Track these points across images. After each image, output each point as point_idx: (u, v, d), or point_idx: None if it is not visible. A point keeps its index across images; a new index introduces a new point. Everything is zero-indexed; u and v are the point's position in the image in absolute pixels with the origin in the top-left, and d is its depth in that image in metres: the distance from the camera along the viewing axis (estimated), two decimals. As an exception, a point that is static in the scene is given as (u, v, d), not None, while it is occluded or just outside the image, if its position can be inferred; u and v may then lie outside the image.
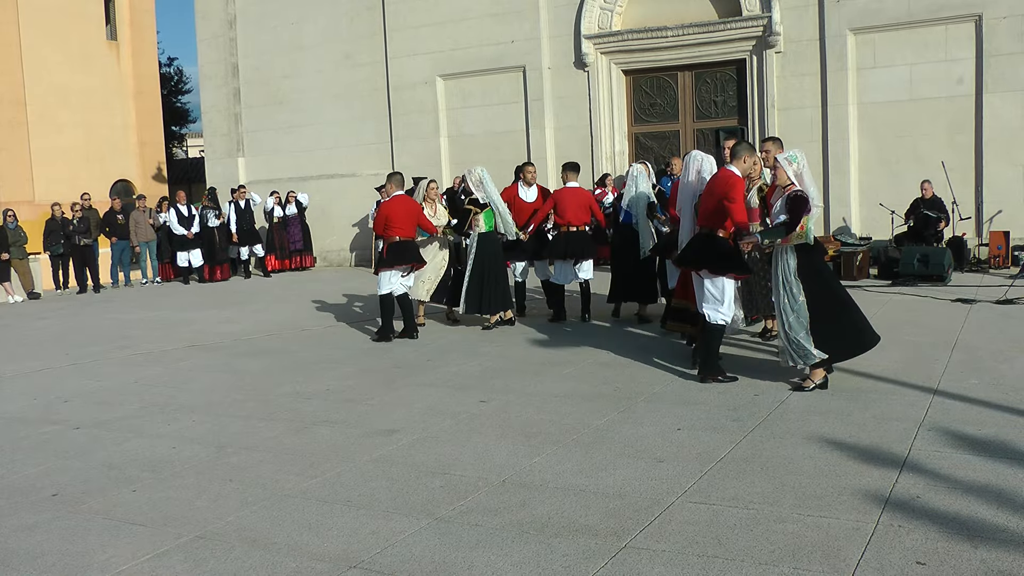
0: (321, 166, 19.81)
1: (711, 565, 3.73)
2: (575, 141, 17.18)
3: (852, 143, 15.09)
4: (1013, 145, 14.04)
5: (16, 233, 16.71)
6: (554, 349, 8.62)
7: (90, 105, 26.57)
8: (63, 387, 8.10)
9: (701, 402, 6.37)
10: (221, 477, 5.26)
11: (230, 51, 20.78)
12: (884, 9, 14.64)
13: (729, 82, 16.42)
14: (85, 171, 25.74)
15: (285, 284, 16.47)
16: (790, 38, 15.40)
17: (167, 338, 10.63)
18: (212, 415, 6.78)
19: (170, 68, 37.69)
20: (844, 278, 12.88)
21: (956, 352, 7.59)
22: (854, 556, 3.74)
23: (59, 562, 4.14)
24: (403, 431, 6.02)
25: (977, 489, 4.41)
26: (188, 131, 39.80)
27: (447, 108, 18.42)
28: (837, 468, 4.82)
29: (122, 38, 28.14)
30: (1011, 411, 5.74)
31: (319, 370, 8.25)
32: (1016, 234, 13.69)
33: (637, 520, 4.25)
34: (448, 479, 4.99)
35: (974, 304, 10.08)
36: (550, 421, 6.07)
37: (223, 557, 4.09)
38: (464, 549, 4.03)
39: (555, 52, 17.27)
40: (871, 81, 14.93)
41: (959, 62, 14.33)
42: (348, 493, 4.85)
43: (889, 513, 4.16)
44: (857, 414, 5.84)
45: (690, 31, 16.05)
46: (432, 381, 7.58)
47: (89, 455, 5.88)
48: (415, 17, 18.35)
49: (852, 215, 15.08)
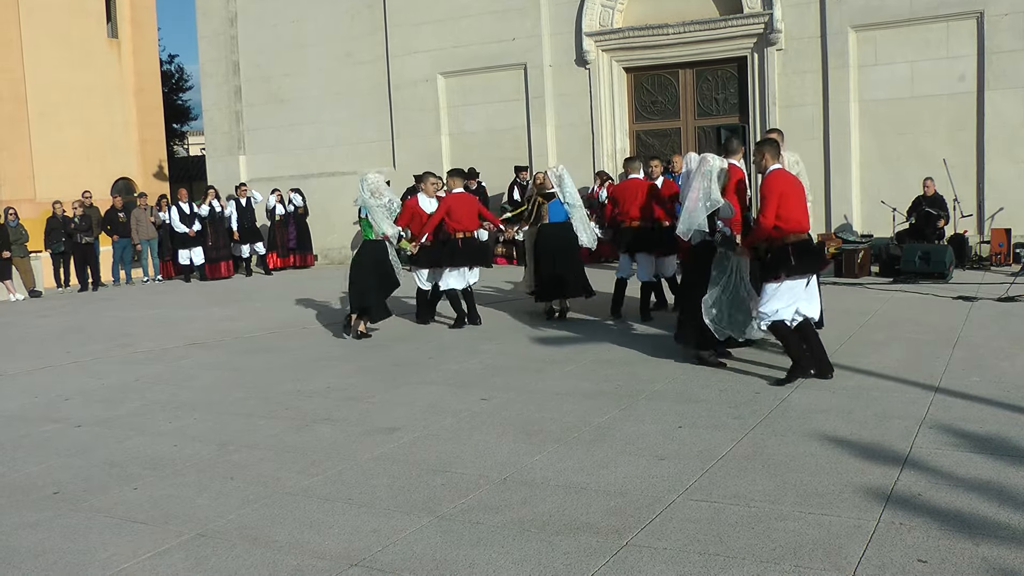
0: (322, 164, 19.80)
1: (712, 563, 3.73)
2: (576, 139, 17.18)
3: (853, 140, 15.07)
4: (1014, 142, 14.03)
5: (17, 231, 16.73)
6: (555, 347, 8.62)
7: (91, 103, 26.54)
8: (64, 385, 8.10)
9: (702, 400, 6.37)
10: (222, 475, 5.26)
11: (231, 49, 20.77)
12: (885, 6, 14.62)
13: (730, 79, 16.40)
14: (86, 169, 25.72)
15: (286, 282, 16.47)
16: (791, 35, 15.38)
17: (168, 336, 10.63)
18: (213, 413, 6.78)
19: (171, 66, 37.74)
20: (846, 275, 12.90)
21: (957, 350, 7.59)
22: (855, 554, 3.73)
23: (60, 560, 4.14)
24: (404, 429, 6.02)
25: (978, 486, 4.40)
26: (189, 129, 39.83)
27: (448, 106, 18.41)
28: (838, 466, 4.81)
29: (123, 36, 28.11)
30: (1012, 408, 5.74)
31: (320, 368, 8.25)
32: (1017, 231, 13.66)
33: (638, 518, 4.24)
34: (449, 477, 4.99)
35: (975, 302, 10.07)
36: (551, 419, 6.07)
37: (224, 555, 4.09)
38: (465, 547, 4.03)
39: (556, 49, 17.25)
40: (872, 78, 14.91)
41: (960, 59, 14.31)
42: (349, 491, 4.85)
43: (890, 511, 4.16)
44: (858, 412, 5.83)
45: (691, 28, 16.03)
46: (433, 379, 7.57)
47: (90, 453, 5.88)
48: (416, 15, 18.33)
49: (853, 212, 15.07)
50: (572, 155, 17.10)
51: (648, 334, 9.05)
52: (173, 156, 34.30)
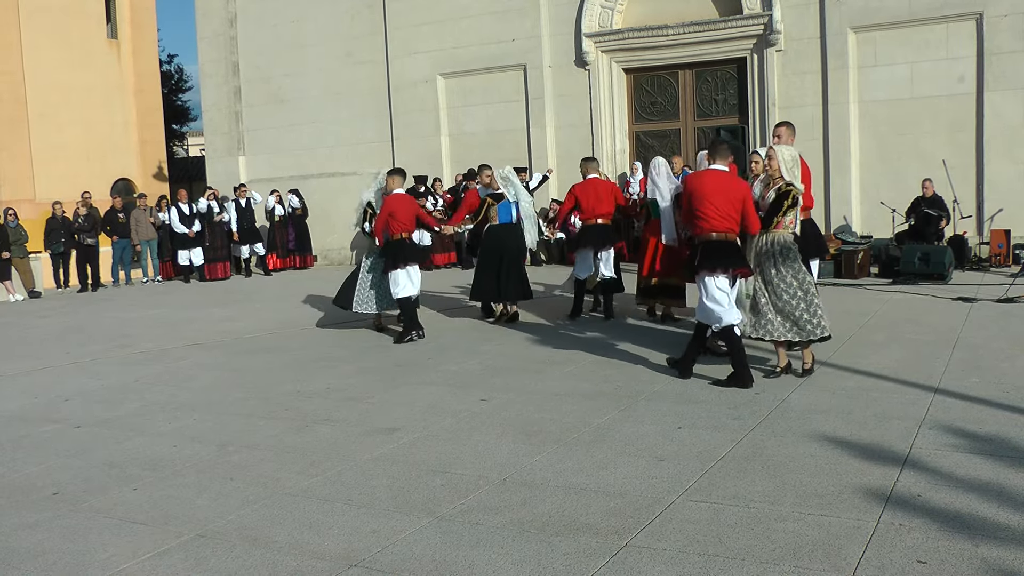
0: (322, 165, 19.81)
1: (712, 564, 3.73)
2: (576, 139, 17.19)
3: (853, 141, 15.08)
4: (1014, 143, 14.04)
5: (17, 232, 16.72)
6: (555, 347, 8.62)
7: (91, 103, 26.55)
8: (64, 386, 8.10)
9: (702, 400, 6.37)
10: (222, 476, 5.26)
11: (231, 49, 20.77)
12: (885, 7, 14.64)
13: (730, 80, 16.41)
14: (86, 169, 25.72)
15: (286, 283, 16.47)
16: (791, 36, 15.39)
17: (168, 336, 10.63)
18: (213, 413, 6.78)
19: (171, 66, 37.72)
20: (845, 276, 12.91)
21: (957, 351, 7.59)
22: (855, 555, 3.73)
23: (60, 561, 4.14)
24: (404, 429, 6.02)
25: (978, 487, 4.40)
26: (189, 129, 39.80)
27: (448, 106, 18.42)
28: (838, 466, 4.81)
29: (123, 36, 28.11)
30: (1012, 409, 5.74)
31: (320, 368, 8.25)
32: (1017, 232, 13.68)
33: (638, 519, 4.24)
34: (449, 478, 4.99)
35: (975, 303, 10.07)
36: (551, 419, 6.07)
37: (224, 556, 4.09)
38: (465, 548, 4.03)
39: (556, 50, 17.27)
40: (872, 79, 14.93)
41: (960, 60, 14.32)
42: (349, 492, 4.85)
43: (890, 511, 4.16)
44: (858, 412, 5.84)
45: (691, 29, 16.05)
46: (433, 379, 7.58)
47: (90, 454, 5.88)
48: (416, 15, 18.35)
49: (853, 213, 15.07)
50: (572, 156, 17.10)
51: (648, 334, 9.04)
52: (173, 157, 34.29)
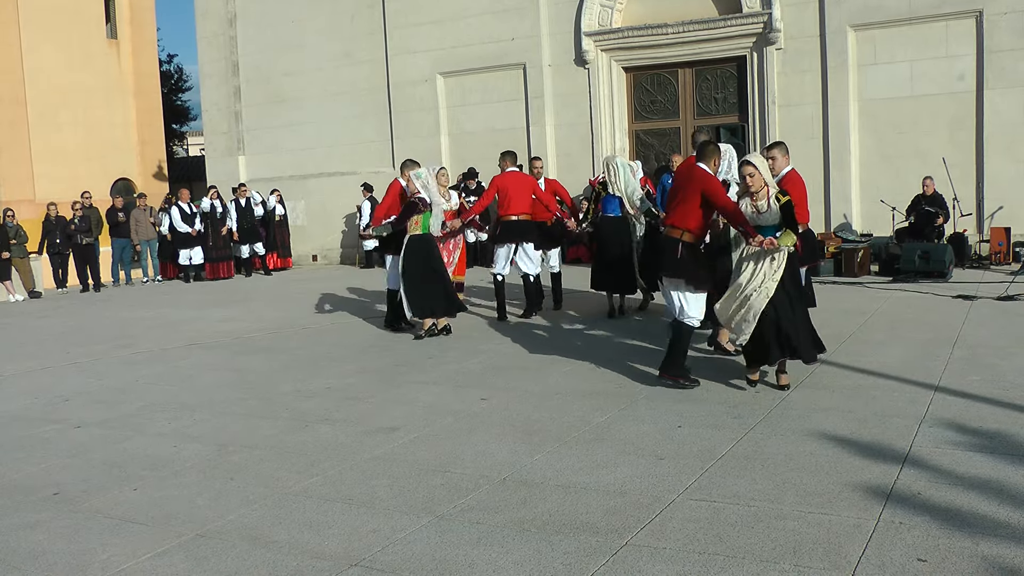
0: (321, 164, 19.81)
1: (712, 563, 3.73)
2: (575, 138, 17.18)
3: (853, 140, 15.07)
4: (1014, 141, 14.03)
5: (16, 232, 16.72)
6: (555, 347, 8.61)
7: (90, 104, 26.53)
8: (64, 386, 8.10)
9: (702, 399, 6.36)
10: (222, 475, 5.26)
11: (230, 49, 20.77)
12: (884, 5, 14.62)
13: (730, 79, 16.40)
14: (85, 170, 25.70)
15: (286, 282, 16.48)
16: (790, 35, 15.38)
17: (168, 337, 10.63)
18: (213, 413, 6.78)
19: (170, 66, 37.68)
20: (845, 274, 12.92)
21: (957, 348, 7.59)
22: (855, 553, 3.73)
23: (60, 560, 4.14)
24: (404, 429, 6.02)
25: (978, 485, 4.40)
26: (189, 129, 39.79)
27: (447, 106, 18.41)
28: (838, 465, 4.81)
29: (122, 36, 28.09)
30: (1012, 407, 5.74)
31: (320, 368, 8.25)
32: (1017, 230, 13.67)
33: (638, 518, 4.24)
34: (449, 477, 4.99)
35: (975, 300, 10.07)
36: (551, 419, 6.07)
37: (224, 556, 4.09)
38: (465, 547, 4.03)
39: (555, 49, 17.26)
40: (872, 77, 14.92)
41: (960, 58, 14.31)
42: (349, 491, 4.85)
43: (890, 509, 4.16)
44: (858, 410, 5.84)
45: (690, 28, 16.04)
46: (433, 379, 7.57)
47: (90, 454, 5.88)
48: (415, 15, 18.34)
49: (853, 212, 15.07)
50: (571, 155, 17.14)
51: (648, 334, 9.04)
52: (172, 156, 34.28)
